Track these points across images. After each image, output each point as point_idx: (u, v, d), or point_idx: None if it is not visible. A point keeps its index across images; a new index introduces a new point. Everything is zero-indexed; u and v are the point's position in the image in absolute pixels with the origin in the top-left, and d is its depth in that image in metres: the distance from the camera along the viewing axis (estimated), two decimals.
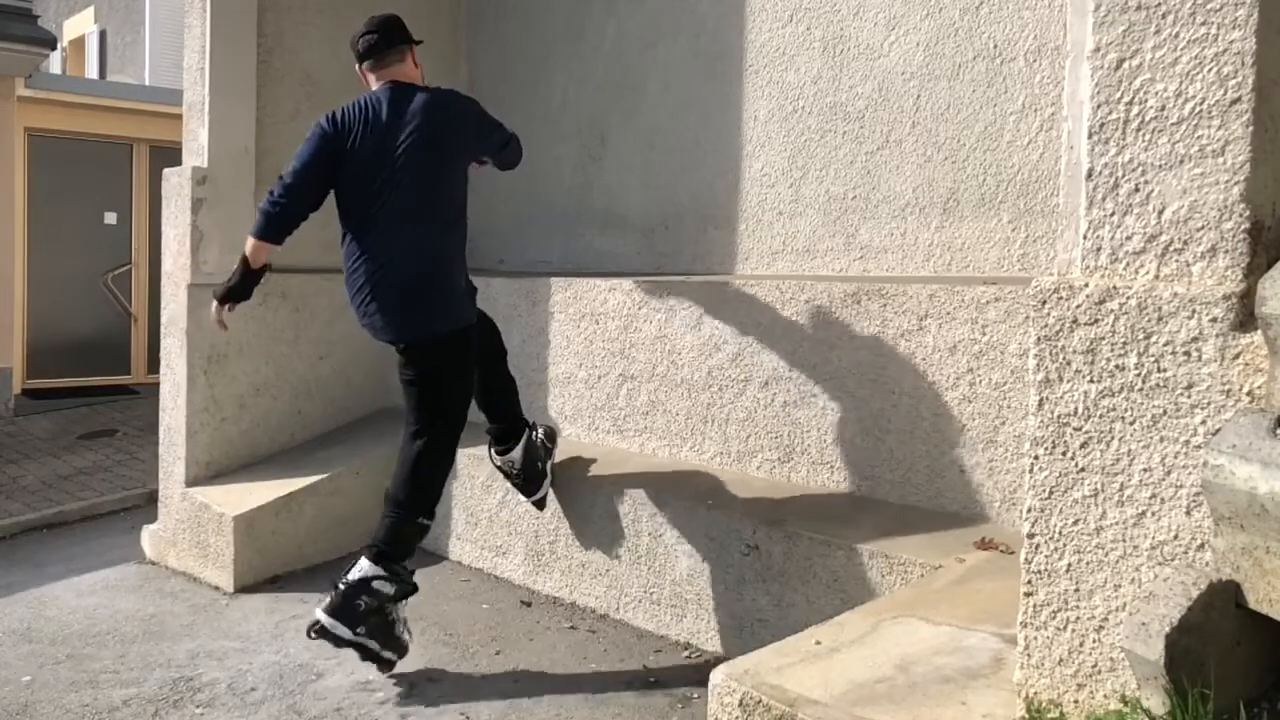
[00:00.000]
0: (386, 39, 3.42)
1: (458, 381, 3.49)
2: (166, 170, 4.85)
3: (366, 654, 3.26)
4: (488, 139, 3.56)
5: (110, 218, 9.54)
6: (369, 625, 3.23)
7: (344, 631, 3.20)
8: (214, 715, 3.16)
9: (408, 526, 3.38)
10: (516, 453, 3.80)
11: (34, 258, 9.10)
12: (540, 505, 3.94)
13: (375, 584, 3.27)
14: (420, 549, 4.55)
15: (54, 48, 9.16)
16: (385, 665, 3.31)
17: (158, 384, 4.92)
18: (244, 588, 4.27)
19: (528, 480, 3.85)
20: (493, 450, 3.88)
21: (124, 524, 5.82)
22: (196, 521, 4.50)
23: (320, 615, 3.21)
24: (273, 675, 3.42)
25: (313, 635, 3.24)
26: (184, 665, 3.54)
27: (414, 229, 3.33)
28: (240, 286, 3.41)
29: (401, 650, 3.33)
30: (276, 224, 3.34)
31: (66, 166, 9.28)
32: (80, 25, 15.22)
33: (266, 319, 4.89)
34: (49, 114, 9.09)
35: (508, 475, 3.87)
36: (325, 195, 3.40)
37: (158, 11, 13.02)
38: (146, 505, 5.98)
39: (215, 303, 3.43)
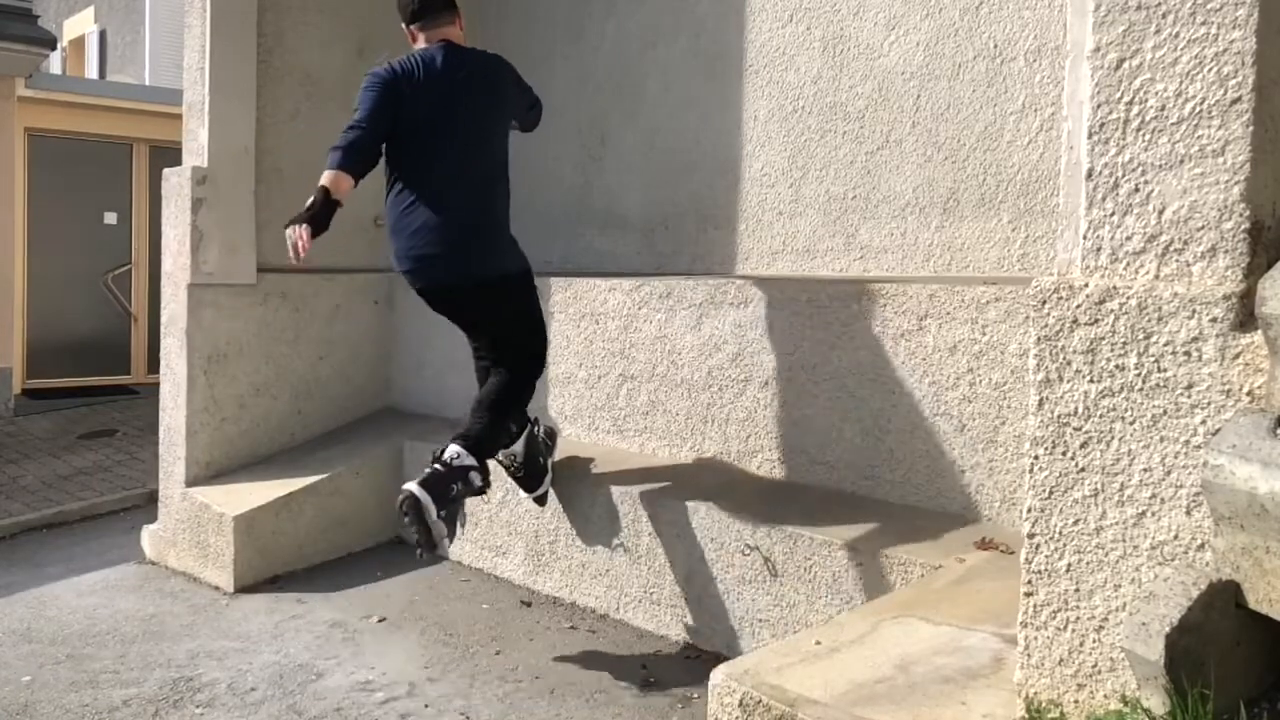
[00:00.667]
0: (439, 1, 3.56)
1: (526, 315, 3.67)
2: (166, 170, 4.85)
3: (429, 538, 3.30)
4: (522, 99, 3.76)
5: (110, 218, 9.54)
6: (449, 511, 3.31)
7: (431, 511, 3.26)
8: (214, 715, 3.16)
9: (499, 429, 3.54)
10: (518, 446, 3.80)
11: (34, 258, 9.10)
12: (541, 502, 3.94)
13: (471, 475, 3.38)
14: None
15: (54, 48, 9.17)
16: (429, 549, 3.37)
17: (158, 384, 4.92)
18: (244, 588, 4.27)
19: (529, 475, 3.85)
20: None
21: (124, 524, 5.82)
22: (196, 521, 4.50)
23: (415, 489, 3.27)
24: (273, 675, 3.42)
25: (404, 509, 3.28)
26: (184, 665, 3.54)
27: (469, 178, 3.48)
28: (321, 215, 3.24)
29: (452, 538, 3.41)
30: (355, 155, 3.32)
31: (66, 166, 9.28)
32: (80, 25, 15.22)
33: (266, 319, 4.89)
34: (49, 114, 9.08)
35: (508, 469, 3.86)
36: (385, 141, 3.44)
37: (158, 11, 13.02)
38: (146, 505, 5.99)
39: (296, 226, 3.19)
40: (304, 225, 3.19)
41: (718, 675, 2.26)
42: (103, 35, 14.72)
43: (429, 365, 5.14)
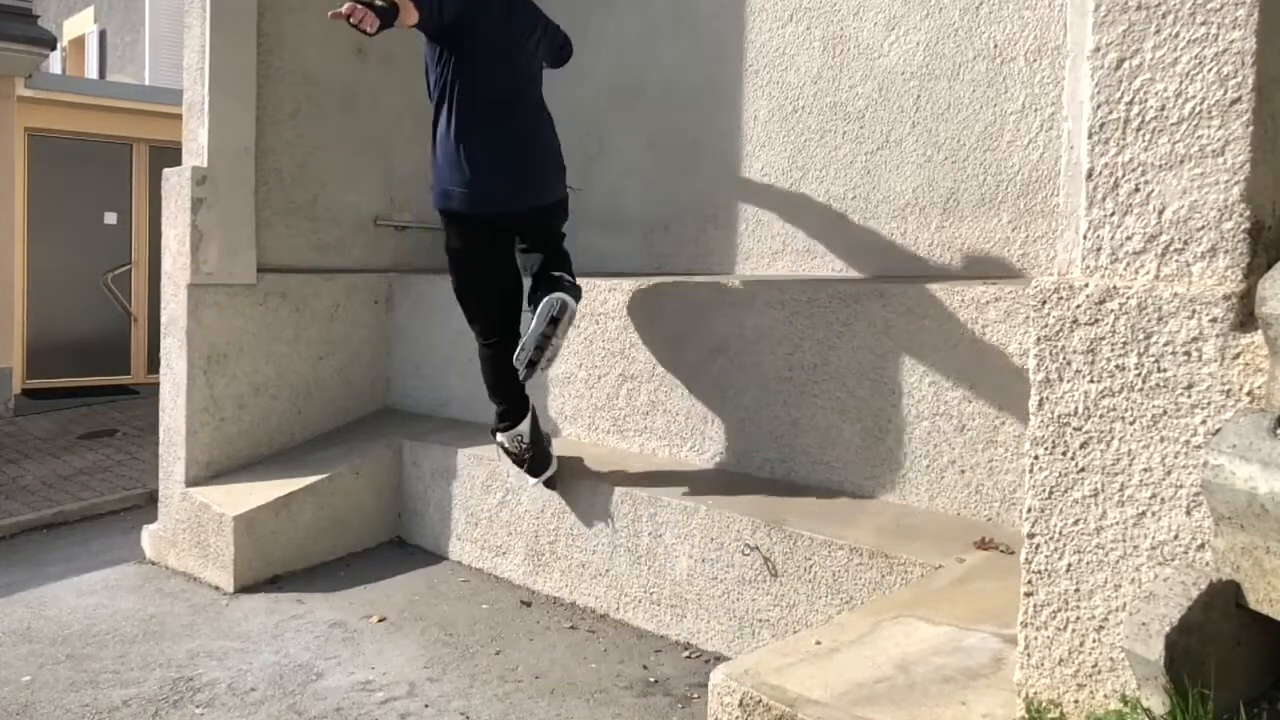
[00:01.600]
0: None
1: (562, 223, 3.93)
2: (166, 170, 4.85)
3: (544, 355, 3.60)
4: (555, 38, 3.94)
5: (110, 218, 9.54)
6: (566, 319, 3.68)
7: (574, 312, 3.68)
8: (214, 715, 3.17)
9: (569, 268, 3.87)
10: (524, 425, 3.82)
11: (34, 258, 9.10)
12: (552, 485, 3.95)
13: (578, 292, 3.75)
14: (420, 549, 4.59)
15: (54, 48, 9.16)
16: (533, 368, 3.60)
17: (158, 384, 4.92)
18: (244, 588, 4.26)
19: (536, 456, 3.87)
20: (499, 432, 3.90)
21: (124, 524, 5.82)
22: (196, 521, 4.50)
23: (564, 295, 3.62)
24: (273, 675, 3.42)
25: (555, 314, 3.58)
26: (184, 665, 3.54)
27: (524, 109, 3.64)
28: (385, 15, 3.19)
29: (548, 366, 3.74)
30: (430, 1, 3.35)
31: (66, 166, 9.28)
32: (80, 25, 15.22)
33: (266, 319, 4.89)
34: (49, 114, 9.08)
35: (516, 456, 3.87)
36: (442, 37, 3.51)
37: (158, 11, 13.02)
38: (146, 505, 5.98)
39: (364, 6, 3.14)
40: (371, 11, 3.14)
41: (718, 675, 2.26)
42: (103, 35, 14.72)
43: (429, 365, 5.14)
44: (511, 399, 3.85)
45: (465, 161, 3.55)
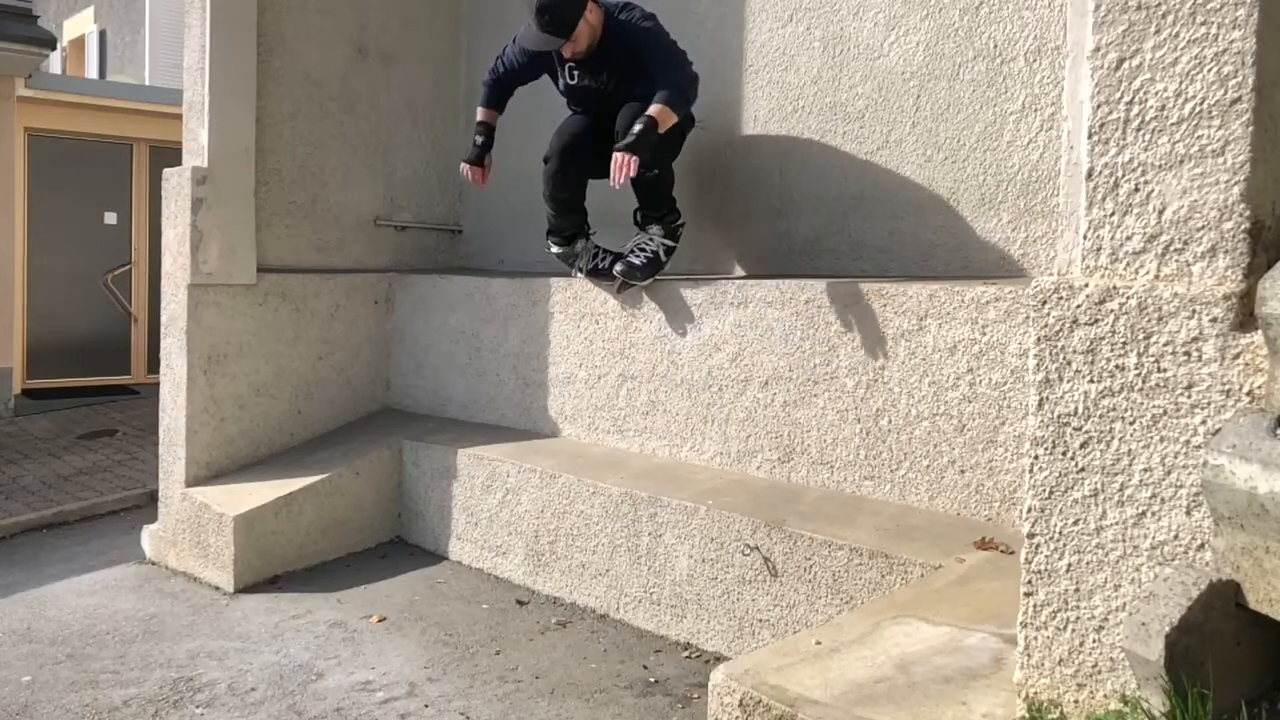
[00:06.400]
0: None
1: None
2: (166, 170, 4.85)
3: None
4: None
5: (110, 218, 9.53)
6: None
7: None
8: (214, 715, 3.17)
9: None
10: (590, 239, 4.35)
11: (34, 258, 9.10)
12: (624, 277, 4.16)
13: None
14: (420, 549, 4.59)
15: (54, 48, 9.15)
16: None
17: (158, 384, 4.92)
18: (244, 588, 4.27)
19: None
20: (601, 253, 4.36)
21: (124, 524, 5.81)
22: (196, 521, 4.50)
23: None
24: (273, 675, 3.42)
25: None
26: (184, 665, 3.54)
27: None
28: (648, 140, 3.87)
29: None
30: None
31: (66, 166, 9.28)
32: (80, 25, 15.22)
33: (266, 319, 4.89)
34: (49, 114, 9.08)
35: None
36: None
37: (158, 11, 13.02)
38: (146, 505, 5.98)
39: (627, 155, 3.80)
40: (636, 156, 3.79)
41: (718, 675, 2.26)
42: (103, 35, 14.72)
43: (428, 365, 5.14)
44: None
45: None
